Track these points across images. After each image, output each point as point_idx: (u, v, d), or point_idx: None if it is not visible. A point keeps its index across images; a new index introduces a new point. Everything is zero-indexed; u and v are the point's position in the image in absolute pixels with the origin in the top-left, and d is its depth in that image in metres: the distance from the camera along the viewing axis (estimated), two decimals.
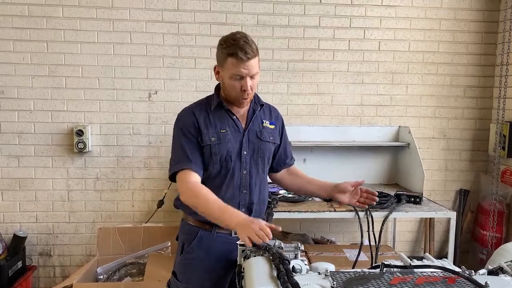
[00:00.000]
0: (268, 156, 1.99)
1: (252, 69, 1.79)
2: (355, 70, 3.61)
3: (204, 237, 1.88)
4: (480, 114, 3.72)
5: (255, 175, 1.94)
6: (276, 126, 2.04)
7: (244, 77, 1.78)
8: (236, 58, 1.75)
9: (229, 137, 1.87)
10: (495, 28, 3.64)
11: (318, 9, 3.53)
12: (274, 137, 2.01)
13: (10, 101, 3.38)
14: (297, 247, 1.58)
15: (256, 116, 1.96)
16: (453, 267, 1.40)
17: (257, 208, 1.97)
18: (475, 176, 3.78)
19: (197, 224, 1.90)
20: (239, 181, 1.90)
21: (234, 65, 1.76)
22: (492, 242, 3.45)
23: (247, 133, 1.92)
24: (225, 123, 1.89)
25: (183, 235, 1.97)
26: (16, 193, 3.45)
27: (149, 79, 3.46)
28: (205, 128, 1.85)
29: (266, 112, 2.03)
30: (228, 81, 1.81)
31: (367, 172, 3.61)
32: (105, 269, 3.05)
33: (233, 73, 1.78)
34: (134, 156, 3.51)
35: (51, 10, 3.33)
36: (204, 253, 1.88)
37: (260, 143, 1.94)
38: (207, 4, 3.43)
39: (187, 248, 1.91)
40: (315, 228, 3.69)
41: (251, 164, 1.92)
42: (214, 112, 1.89)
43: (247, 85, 1.79)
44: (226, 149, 1.85)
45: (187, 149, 1.83)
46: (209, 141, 1.84)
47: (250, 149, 1.92)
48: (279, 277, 1.32)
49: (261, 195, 1.99)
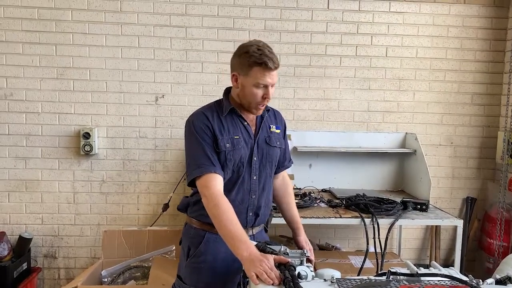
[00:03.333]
0: (275, 161, 2.01)
1: (276, 78, 1.83)
2: (362, 76, 3.61)
3: (211, 240, 1.88)
4: (488, 121, 3.70)
5: (263, 180, 1.95)
6: (281, 130, 2.06)
7: (268, 86, 1.81)
8: (266, 67, 1.77)
9: (242, 144, 1.87)
10: (503, 36, 3.62)
11: (325, 15, 3.53)
12: (280, 142, 2.02)
13: (18, 103, 3.40)
14: (303, 253, 1.57)
15: (264, 121, 1.98)
16: (461, 276, 1.39)
17: (263, 212, 1.98)
18: (482, 184, 3.75)
19: (203, 227, 1.89)
20: (249, 186, 1.91)
21: (261, 74, 1.78)
22: (499, 251, 3.42)
23: (258, 139, 1.93)
24: (238, 129, 1.89)
25: (188, 239, 1.96)
26: (23, 195, 3.47)
27: (156, 83, 3.47)
28: (219, 134, 1.84)
29: (271, 117, 2.05)
30: (250, 89, 1.81)
31: (373, 178, 3.60)
32: (109, 271, 3.05)
33: (259, 82, 1.79)
34: (140, 159, 3.52)
35: (60, 14, 3.36)
36: (212, 256, 1.88)
37: (269, 149, 1.95)
38: (214, 9, 3.45)
39: (194, 251, 1.90)
40: (320, 234, 3.68)
41: (260, 170, 1.93)
42: (226, 118, 1.89)
43: (270, 93, 1.82)
44: (240, 156, 1.86)
45: (209, 153, 1.81)
46: (224, 148, 1.83)
47: (259, 155, 1.93)
48: (285, 283, 1.32)
49: (267, 199, 2.00)
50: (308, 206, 2.94)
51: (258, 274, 1.46)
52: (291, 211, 2.16)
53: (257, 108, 1.87)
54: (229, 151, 1.83)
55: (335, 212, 2.84)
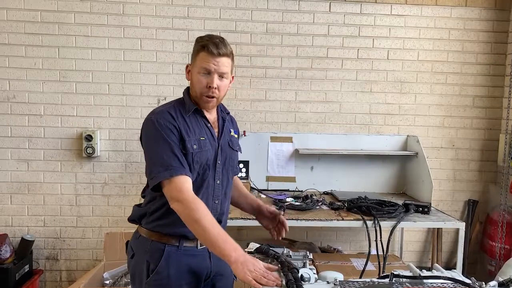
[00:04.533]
0: (236, 165, 1.96)
1: (223, 66, 1.72)
2: (364, 78, 3.62)
3: (172, 253, 1.73)
4: (489, 124, 3.70)
5: (225, 185, 1.86)
6: (237, 136, 1.98)
7: (212, 72, 1.71)
8: (207, 51, 1.69)
9: (208, 146, 1.77)
10: (504, 38, 3.63)
11: (327, 17, 3.54)
12: (239, 146, 1.96)
13: (21, 105, 3.41)
14: (306, 256, 1.58)
15: (226, 125, 1.90)
16: (463, 279, 1.39)
17: (225, 218, 1.89)
18: (484, 186, 3.75)
19: (162, 240, 1.74)
20: (213, 191, 1.80)
21: (203, 59, 1.71)
22: (501, 253, 3.42)
23: (221, 142, 1.84)
24: (203, 131, 1.79)
25: (145, 253, 1.76)
26: (25, 197, 3.47)
27: (159, 86, 3.48)
28: (186, 135, 1.72)
29: (230, 121, 1.97)
30: (195, 76, 1.75)
31: (375, 181, 3.60)
32: (111, 274, 3.05)
33: (201, 66, 1.72)
34: (142, 162, 3.49)
35: (63, 16, 3.38)
36: (174, 270, 1.73)
37: (231, 152, 1.88)
38: (217, 12, 3.46)
39: (155, 267, 1.73)
40: (322, 236, 3.68)
41: (223, 174, 1.84)
42: (190, 118, 1.78)
43: (213, 81, 1.71)
44: (206, 158, 1.75)
45: (178, 153, 1.67)
46: (192, 149, 1.71)
47: (223, 158, 1.84)
48: (288, 286, 1.32)
49: (228, 205, 1.92)
50: (310, 209, 2.94)
51: (257, 280, 1.43)
52: (247, 195, 2.08)
53: (204, 100, 1.76)
54: (196, 153, 1.72)
55: (337, 215, 2.84)
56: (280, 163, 3.57)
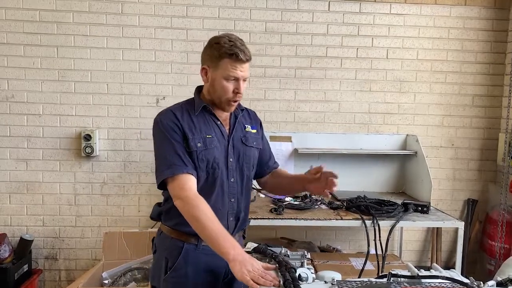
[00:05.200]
0: (253, 162, 1.91)
1: (247, 71, 1.74)
2: (363, 78, 3.61)
3: (190, 251, 1.75)
4: (489, 123, 3.70)
5: (241, 183, 1.85)
6: (257, 131, 1.96)
7: (239, 79, 1.72)
8: (236, 59, 1.68)
9: (215, 143, 1.76)
10: (504, 37, 3.62)
11: (326, 16, 3.53)
12: (257, 142, 1.93)
13: (20, 105, 3.41)
14: (304, 255, 1.57)
15: (238, 121, 1.88)
16: (462, 278, 1.38)
17: (243, 216, 1.88)
18: (483, 185, 3.75)
19: (181, 238, 1.76)
20: (227, 189, 1.80)
21: (231, 66, 1.69)
22: (501, 252, 3.42)
23: (232, 139, 1.83)
24: (210, 128, 1.78)
25: (164, 250, 1.80)
26: (24, 197, 3.47)
27: (157, 85, 3.48)
28: (190, 133, 1.73)
29: (246, 117, 1.95)
30: (220, 82, 1.72)
31: (374, 180, 3.60)
32: (110, 273, 3.04)
33: (229, 74, 1.70)
34: (141, 161, 3.52)
35: (62, 16, 3.37)
36: (192, 268, 1.75)
37: (246, 149, 1.86)
38: (215, 11, 3.45)
39: (173, 265, 1.75)
40: (321, 236, 3.67)
41: (237, 171, 1.83)
42: (198, 117, 1.79)
43: (241, 87, 1.73)
44: (213, 156, 1.75)
45: (180, 152, 1.70)
46: (196, 147, 1.72)
47: (235, 156, 1.83)
48: (286, 285, 1.32)
49: (247, 203, 1.92)
50: (309, 208, 2.94)
51: (255, 279, 1.42)
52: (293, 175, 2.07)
53: (229, 104, 1.77)
54: (201, 151, 1.72)
55: (336, 214, 2.83)
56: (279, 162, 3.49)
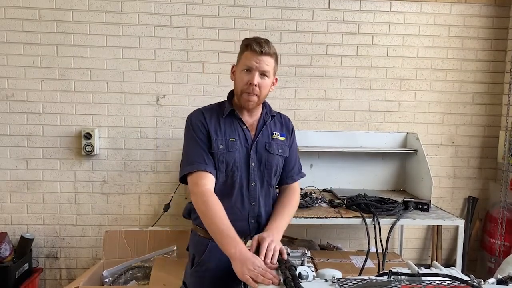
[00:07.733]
0: (275, 169, 1.92)
1: (264, 65, 1.78)
2: (363, 75, 3.61)
3: (214, 248, 1.79)
4: (489, 121, 3.69)
5: (262, 188, 1.89)
6: (286, 138, 1.97)
7: (253, 70, 1.77)
8: (250, 49, 1.77)
9: (237, 147, 1.83)
10: (504, 35, 3.61)
11: (326, 14, 3.53)
12: (283, 150, 1.94)
13: (20, 103, 3.41)
14: (304, 253, 1.57)
15: (266, 127, 1.92)
16: (462, 276, 1.38)
17: (264, 221, 1.89)
18: (483, 183, 3.74)
19: (207, 236, 1.82)
20: (248, 192, 1.85)
21: (246, 57, 1.79)
22: (501, 250, 3.42)
23: (255, 144, 1.87)
24: (235, 132, 1.85)
25: (193, 246, 1.93)
26: (24, 195, 3.47)
27: (157, 83, 3.48)
28: (214, 134, 1.82)
29: (277, 124, 1.98)
30: (238, 74, 1.82)
31: (374, 178, 3.60)
32: (111, 272, 3.05)
33: (244, 64, 1.79)
34: (141, 160, 3.52)
35: (62, 14, 3.37)
36: (215, 265, 1.82)
37: (268, 156, 1.89)
38: (215, 9, 3.45)
39: (198, 260, 1.87)
40: (322, 234, 3.67)
41: (258, 176, 1.88)
42: (225, 120, 1.86)
43: (254, 78, 1.77)
44: (233, 159, 1.82)
45: (202, 151, 1.79)
46: (217, 148, 1.80)
47: (257, 161, 1.87)
48: (286, 283, 1.31)
49: (268, 208, 1.93)
50: (309, 206, 2.94)
51: (254, 278, 1.44)
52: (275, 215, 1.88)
53: (244, 97, 1.81)
54: (222, 153, 1.80)
55: (336, 212, 2.83)
56: None
